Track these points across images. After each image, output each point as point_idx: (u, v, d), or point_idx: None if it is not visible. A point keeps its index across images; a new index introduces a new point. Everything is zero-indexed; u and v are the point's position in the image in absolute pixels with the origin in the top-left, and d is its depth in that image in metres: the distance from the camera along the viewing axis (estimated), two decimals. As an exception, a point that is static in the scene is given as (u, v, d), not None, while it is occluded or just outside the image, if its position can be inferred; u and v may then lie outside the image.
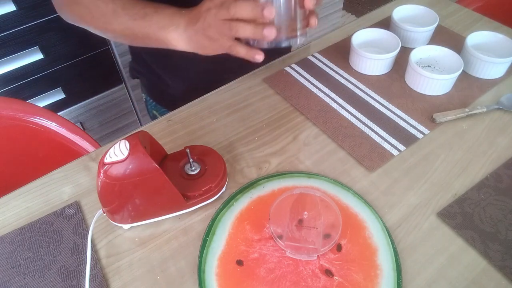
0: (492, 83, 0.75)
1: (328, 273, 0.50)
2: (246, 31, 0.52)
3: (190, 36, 0.56)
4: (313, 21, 0.57)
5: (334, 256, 0.52)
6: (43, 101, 1.33)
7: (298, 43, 0.57)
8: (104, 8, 0.59)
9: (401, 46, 0.78)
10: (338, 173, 0.62)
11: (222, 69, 0.78)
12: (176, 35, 0.57)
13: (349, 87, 0.76)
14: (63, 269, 0.53)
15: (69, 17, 0.65)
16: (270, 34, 0.51)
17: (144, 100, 1.00)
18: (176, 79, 0.86)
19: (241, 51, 0.54)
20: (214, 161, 0.59)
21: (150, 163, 0.50)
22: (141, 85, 0.99)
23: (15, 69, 1.21)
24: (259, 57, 0.54)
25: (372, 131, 0.68)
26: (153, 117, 0.99)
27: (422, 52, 0.76)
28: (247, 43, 0.56)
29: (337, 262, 0.51)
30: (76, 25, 0.65)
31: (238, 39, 0.55)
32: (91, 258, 0.52)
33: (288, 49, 0.90)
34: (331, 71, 0.80)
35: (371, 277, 0.50)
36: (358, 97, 0.74)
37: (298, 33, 0.56)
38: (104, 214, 0.55)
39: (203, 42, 0.56)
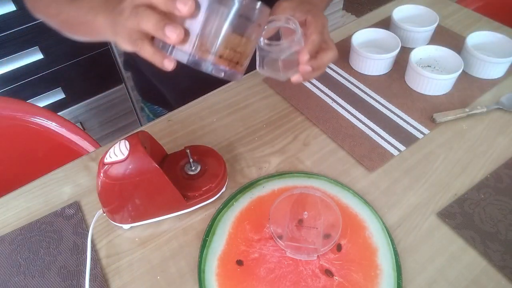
0: (492, 83, 0.75)
1: (328, 273, 0.50)
2: (149, 20, 0.39)
3: (112, 20, 0.47)
4: (296, 76, 0.50)
5: (334, 256, 0.52)
6: (43, 101, 1.33)
7: (234, 78, 0.44)
8: None
9: (401, 46, 0.77)
10: (338, 173, 0.62)
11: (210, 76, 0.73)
12: (102, 18, 0.49)
13: (349, 87, 0.76)
14: (63, 269, 0.53)
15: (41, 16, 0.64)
16: (171, 34, 0.38)
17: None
18: (167, 83, 0.86)
19: (147, 51, 0.42)
20: (214, 161, 0.59)
21: (150, 163, 0.50)
22: (133, 81, 0.98)
23: (15, 69, 1.21)
24: (168, 64, 0.42)
25: (372, 131, 0.68)
26: (142, 110, 0.99)
27: (422, 52, 0.76)
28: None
29: (337, 262, 0.51)
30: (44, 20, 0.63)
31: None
32: (91, 258, 0.52)
33: None
34: (331, 71, 0.80)
35: (371, 277, 0.50)
36: (358, 97, 0.74)
37: (229, 67, 0.42)
38: (104, 214, 0.55)
39: (119, 29, 0.45)
